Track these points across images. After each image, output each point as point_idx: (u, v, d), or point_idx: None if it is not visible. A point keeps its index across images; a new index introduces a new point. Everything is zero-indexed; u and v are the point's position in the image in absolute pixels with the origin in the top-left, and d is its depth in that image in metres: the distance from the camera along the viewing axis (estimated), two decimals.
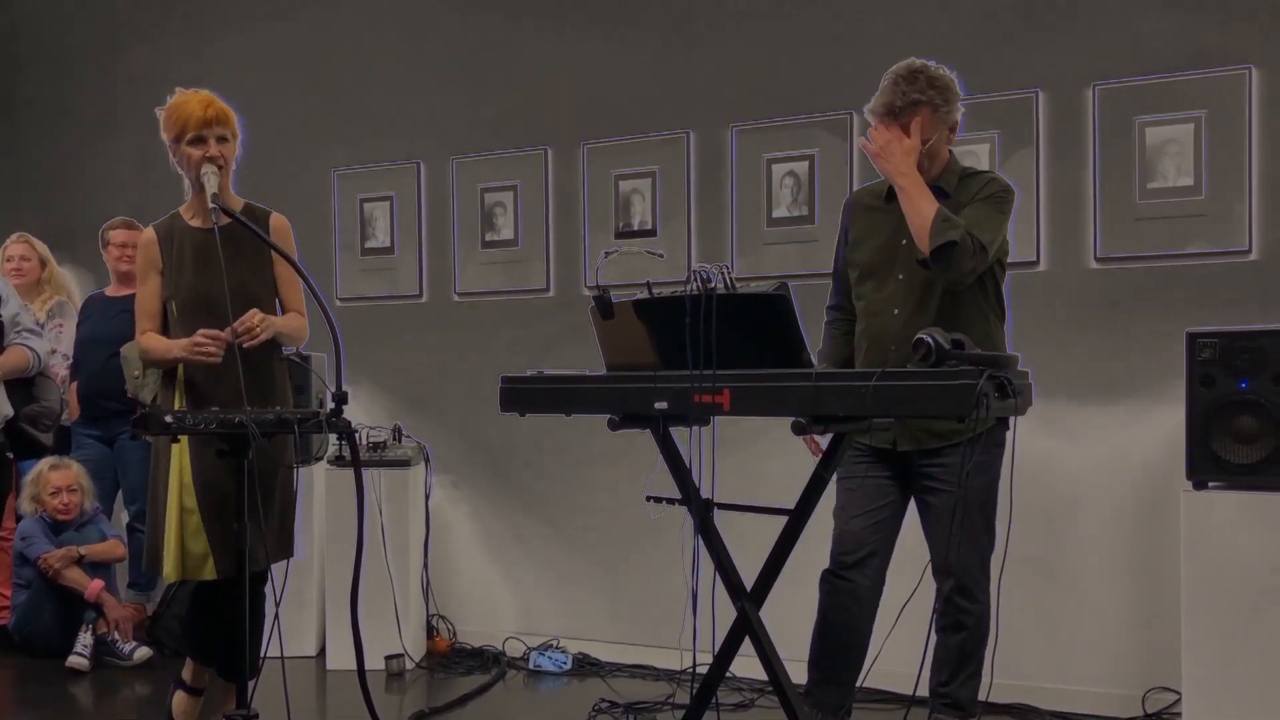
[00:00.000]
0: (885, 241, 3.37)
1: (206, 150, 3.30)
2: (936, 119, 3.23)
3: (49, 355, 4.32)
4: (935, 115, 3.23)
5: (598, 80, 4.96)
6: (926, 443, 3.29)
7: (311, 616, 5.01)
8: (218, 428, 3.01)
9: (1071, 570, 4.09)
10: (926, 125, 3.21)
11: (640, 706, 4.05)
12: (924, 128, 3.21)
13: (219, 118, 3.33)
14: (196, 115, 3.30)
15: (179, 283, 3.40)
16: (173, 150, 3.38)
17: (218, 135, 3.32)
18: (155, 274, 3.43)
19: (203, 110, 3.31)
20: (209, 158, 3.30)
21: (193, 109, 3.32)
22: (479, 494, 5.22)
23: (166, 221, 3.49)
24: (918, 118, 3.20)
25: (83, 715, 4.31)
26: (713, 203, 4.72)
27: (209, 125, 3.30)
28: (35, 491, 5.02)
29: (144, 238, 3.48)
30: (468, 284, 5.26)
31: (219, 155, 3.31)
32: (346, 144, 5.52)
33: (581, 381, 3.08)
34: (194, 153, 3.31)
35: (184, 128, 3.31)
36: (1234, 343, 3.40)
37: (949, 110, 3.25)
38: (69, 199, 6.25)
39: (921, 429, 3.28)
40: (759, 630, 2.96)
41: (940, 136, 3.26)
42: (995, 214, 3.24)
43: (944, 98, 3.23)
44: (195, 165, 3.32)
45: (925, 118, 3.21)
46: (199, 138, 3.30)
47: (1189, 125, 3.92)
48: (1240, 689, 3.35)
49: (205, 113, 3.31)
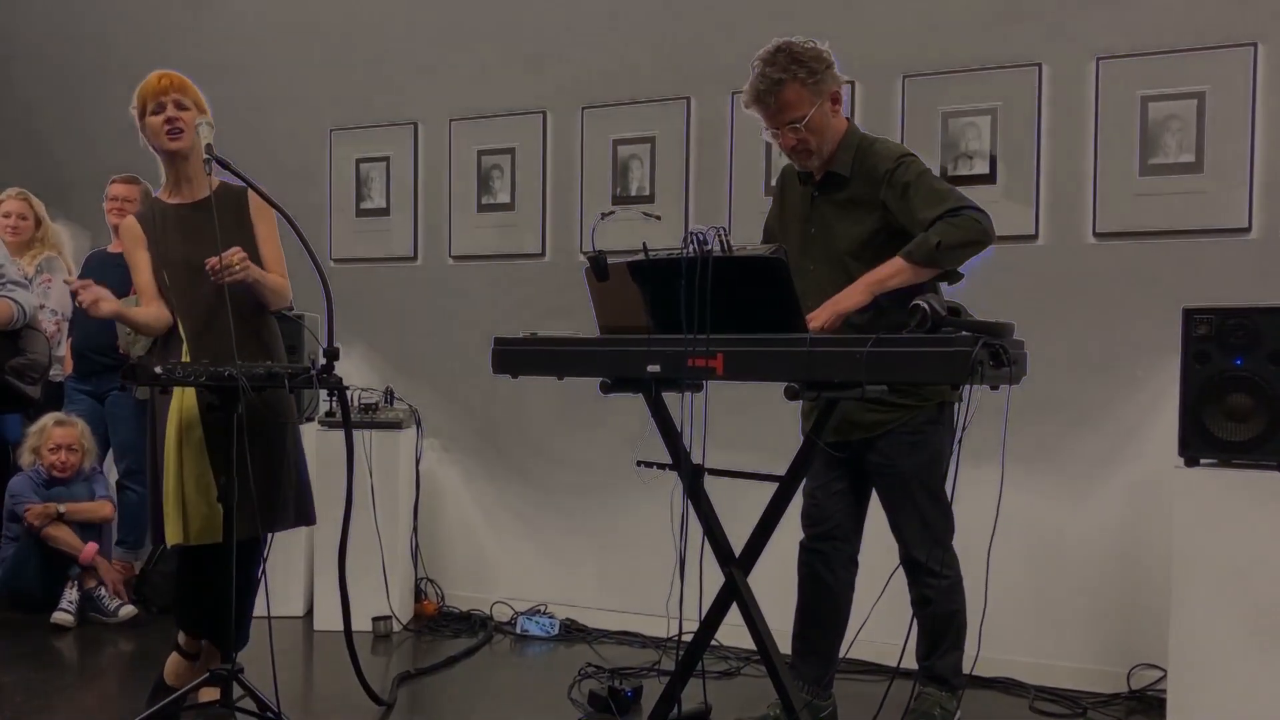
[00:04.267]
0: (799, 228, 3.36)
1: (166, 115, 3.37)
2: (806, 93, 3.17)
3: (36, 309, 4.29)
4: (804, 89, 3.17)
5: (597, 45, 4.92)
6: (851, 434, 3.29)
7: (299, 577, 5.00)
8: (207, 380, 2.99)
9: (1059, 545, 4.09)
10: (799, 99, 3.17)
11: (626, 672, 4.05)
12: (797, 103, 3.16)
13: (174, 85, 3.42)
14: (151, 85, 3.41)
15: (167, 255, 3.43)
16: (142, 130, 3.46)
17: (174, 100, 3.39)
18: (143, 250, 3.47)
19: (157, 80, 3.41)
20: (168, 119, 3.36)
21: (149, 83, 3.43)
22: (469, 458, 5.21)
23: (145, 207, 3.62)
24: (786, 94, 3.15)
25: (66, 670, 4.31)
26: (711, 170, 4.69)
27: (164, 93, 3.39)
28: (37, 444, 5.01)
29: (125, 224, 3.56)
30: (462, 247, 5.23)
31: (178, 118, 3.37)
32: (343, 104, 5.48)
33: (574, 344, 3.07)
34: (154, 120, 3.39)
35: (144, 103, 3.42)
36: (1229, 319, 3.38)
37: (818, 82, 3.18)
38: (65, 151, 6.21)
39: (846, 421, 3.26)
40: (746, 596, 2.95)
41: (820, 110, 3.20)
42: (929, 188, 3.14)
43: (808, 70, 3.17)
44: (156, 133, 3.39)
45: (794, 92, 3.16)
46: (159, 106, 3.39)
47: (1192, 101, 3.89)
48: (1225, 667, 3.35)
49: (159, 82, 3.41)
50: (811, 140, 3.20)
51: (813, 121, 3.18)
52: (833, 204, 3.28)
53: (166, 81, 3.41)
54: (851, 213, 3.24)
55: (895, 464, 3.27)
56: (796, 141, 3.21)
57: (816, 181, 3.31)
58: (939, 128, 4.23)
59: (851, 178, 3.24)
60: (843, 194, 3.26)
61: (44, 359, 4.24)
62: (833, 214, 3.28)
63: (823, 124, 3.21)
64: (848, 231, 3.24)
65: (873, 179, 3.20)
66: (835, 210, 3.27)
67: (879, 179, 3.19)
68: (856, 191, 3.23)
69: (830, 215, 3.28)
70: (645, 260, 2.89)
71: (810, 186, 3.34)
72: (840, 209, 3.27)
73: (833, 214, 3.28)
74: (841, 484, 3.40)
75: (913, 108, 4.28)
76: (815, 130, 3.20)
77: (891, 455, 3.27)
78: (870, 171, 3.22)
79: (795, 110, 3.17)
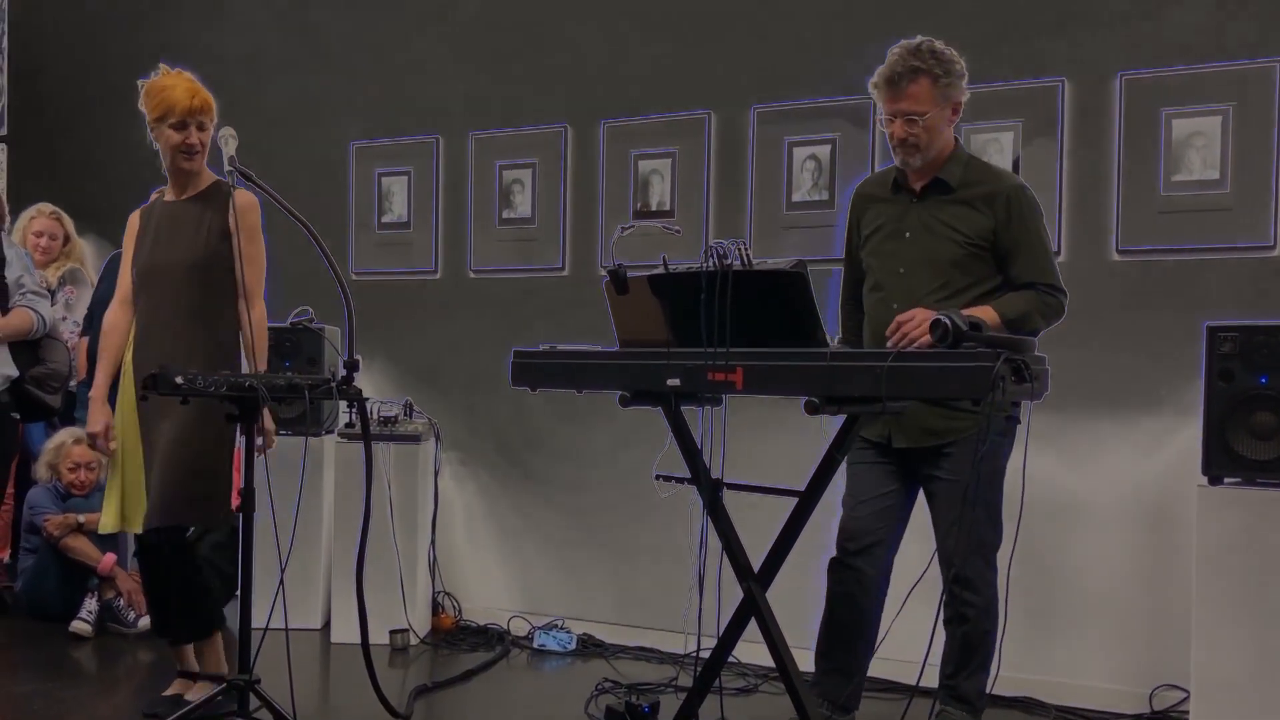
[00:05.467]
0: (891, 232, 3.36)
1: (187, 136, 3.50)
2: (936, 91, 3.20)
3: (57, 320, 4.32)
4: (935, 86, 3.20)
5: (619, 59, 4.93)
6: (922, 440, 3.27)
7: (317, 589, 5.00)
8: (228, 390, 3.00)
9: (1081, 564, 4.05)
10: (926, 96, 3.19)
11: (643, 688, 4.03)
12: (922, 98, 3.19)
13: (203, 108, 3.53)
14: (183, 104, 3.49)
15: (138, 255, 3.60)
16: (152, 127, 3.55)
17: (198, 123, 3.51)
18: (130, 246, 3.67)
19: (188, 100, 3.50)
20: (188, 144, 3.50)
21: (179, 97, 3.50)
22: (487, 472, 5.21)
23: (151, 203, 3.74)
24: (917, 86, 3.19)
25: (84, 680, 4.31)
26: (731, 185, 4.69)
27: (193, 114, 3.50)
28: (54, 460, 5.00)
29: (129, 219, 3.72)
30: (482, 261, 5.23)
31: (197, 143, 3.51)
32: (364, 117, 5.50)
33: (593, 357, 3.06)
34: (175, 136, 3.51)
35: (168, 112, 3.51)
36: (1254, 337, 3.35)
37: (949, 83, 3.22)
38: (95, 169, 6.24)
39: (918, 427, 3.25)
40: (765, 611, 2.93)
41: (941, 114, 3.22)
42: (1042, 243, 3.25)
43: (944, 69, 3.21)
44: (174, 148, 3.51)
45: (924, 88, 3.19)
46: (182, 124, 3.49)
47: (1216, 118, 3.87)
48: (1249, 688, 3.31)
49: (191, 102, 3.50)
50: (922, 138, 3.21)
51: (931, 120, 3.20)
52: (936, 211, 3.29)
53: (199, 102, 3.50)
54: (958, 218, 3.26)
55: (964, 474, 3.18)
56: (907, 134, 3.22)
57: (918, 190, 3.32)
58: (961, 144, 4.20)
59: (958, 189, 3.26)
60: (948, 201, 3.28)
61: (64, 368, 4.27)
62: (935, 220, 3.28)
63: (937, 127, 3.23)
64: (950, 236, 3.25)
65: (986, 194, 3.24)
66: (938, 217, 3.28)
67: (996, 195, 3.23)
68: (966, 199, 3.25)
69: (931, 221, 3.29)
70: (665, 274, 2.89)
71: (906, 194, 3.35)
72: (944, 216, 3.27)
73: (935, 220, 3.28)
74: (889, 501, 3.35)
75: None
76: (929, 130, 3.21)
77: (962, 464, 3.19)
78: (981, 186, 3.26)
79: (920, 104, 3.19)
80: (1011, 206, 3.22)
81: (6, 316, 4.05)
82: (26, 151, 6.57)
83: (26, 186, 5.64)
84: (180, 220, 3.54)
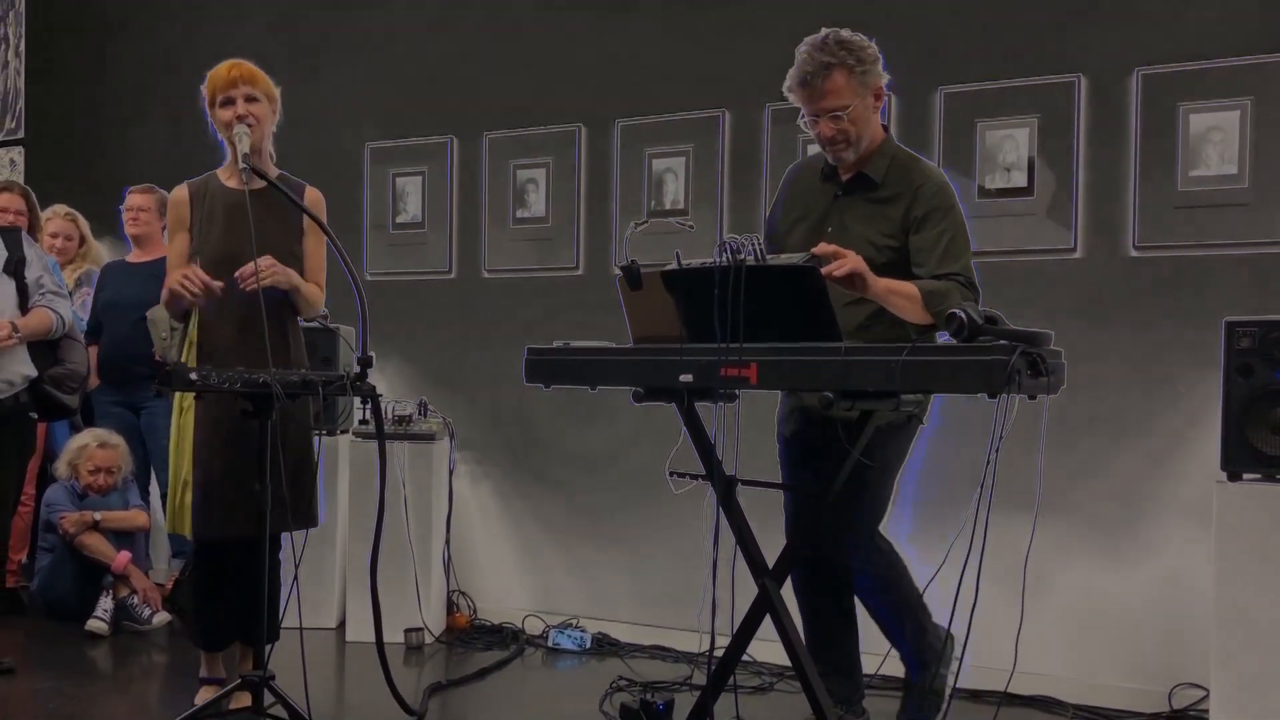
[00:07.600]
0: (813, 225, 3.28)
1: (235, 110, 3.37)
2: (854, 81, 3.10)
3: (75, 320, 4.33)
4: (852, 77, 3.09)
5: (632, 58, 4.92)
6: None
7: (332, 588, 5.00)
8: (242, 386, 3.00)
9: (1099, 560, 4.02)
10: (844, 89, 3.09)
11: (658, 686, 4.02)
12: (842, 92, 3.09)
13: (245, 76, 3.42)
14: (222, 76, 3.42)
15: (206, 240, 3.46)
16: (211, 116, 3.47)
17: (245, 94, 3.40)
18: (183, 231, 3.51)
19: (227, 71, 3.42)
20: (239, 116, 3.36)
21: (219, 73, 3.44)
22: (502, 471, 5.20)
23: (201, 181, 3.57)
24: (833, 81, 3.08)
25: (100, 678, 4.32)
26: (746, 184, 4.67)
27: (234, 85, 3.40)
28: (75, 460, 5.01)
29: (174, 196, 3.56)
30: (497, 261, 5.23)
31: (248, 114, 3.38)
32: (379, 118, 5.51)
33: (607, 353, 3.06)
34: (224, 114, 3.40)
35: (214, 91, 3.43)
36: (1273, 332, 3.32)
37: (865, 71, 3.11)
38: (109, 171, 6.27)
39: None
40: (779, 607, 2.92)
41: (864, 104, 3.13)
42: (957, 233, 3.12)
43: (857, 58, 3.10)
44: (226, 126, 3.39)
45: (841, 81, 3.08)
46: (228, 99, 3.39)
47: (1234, 113, 3.84)
48: (1269, 686, 3.28)
49: (230, 73, 3.41)
50: (851, 132, 3.13)
51: (855, 113, 3.11)
52: (857, 207, 3.21)
53: (237, 73, 3.41)
54: (875, 219, 3.17)
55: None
56: (835, 132, 3.13)
57: (843, 181, 3.25)
58: (977, 140, 4.20)
59: (883, 185, 3.18)
60: (870, 198, 3.19)
61: (82, 369, 4.28)
62: (854, 217, 3.20)
63: (864, 118, 3.14)
64: (867, 236, 3.15)
65: (903, 192, 3.14)
66: (858, 213, 3.20)
67: (911, 191, 3.13)
68: (885, 199, 3.17)
69: (851, 217, 3.21)
70: (679, 269, 2.88)
71: (834, 185, 3.27)
72: (864, 213, 3.19)
73: (854, 217, 3.20)
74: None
75: (950, 119, 4.25)
76: (856, 122, 3.12)
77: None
78: (905, 184, 3.16)
79: (840, 98, 3.09)
80: (926, 198, 3.11)
81: (26, 317, 4.06)
82: (44, 154, 6.60)
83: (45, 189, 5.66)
84: (259, 210, 3.30)
